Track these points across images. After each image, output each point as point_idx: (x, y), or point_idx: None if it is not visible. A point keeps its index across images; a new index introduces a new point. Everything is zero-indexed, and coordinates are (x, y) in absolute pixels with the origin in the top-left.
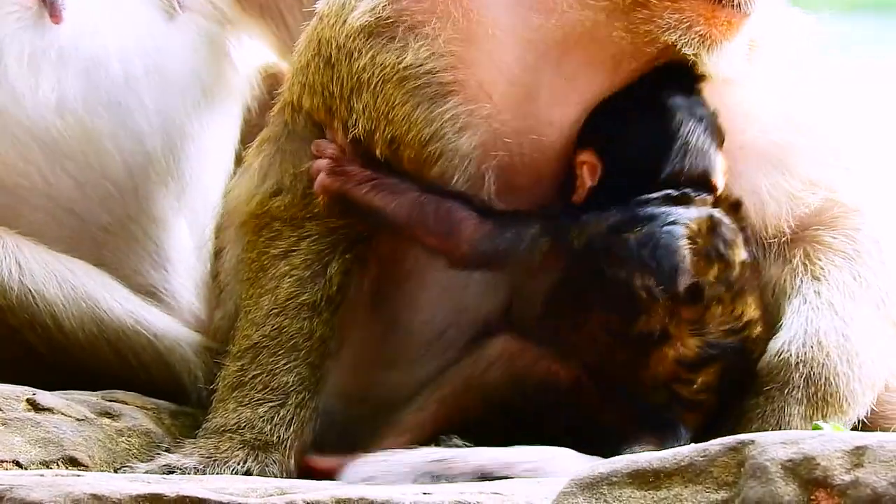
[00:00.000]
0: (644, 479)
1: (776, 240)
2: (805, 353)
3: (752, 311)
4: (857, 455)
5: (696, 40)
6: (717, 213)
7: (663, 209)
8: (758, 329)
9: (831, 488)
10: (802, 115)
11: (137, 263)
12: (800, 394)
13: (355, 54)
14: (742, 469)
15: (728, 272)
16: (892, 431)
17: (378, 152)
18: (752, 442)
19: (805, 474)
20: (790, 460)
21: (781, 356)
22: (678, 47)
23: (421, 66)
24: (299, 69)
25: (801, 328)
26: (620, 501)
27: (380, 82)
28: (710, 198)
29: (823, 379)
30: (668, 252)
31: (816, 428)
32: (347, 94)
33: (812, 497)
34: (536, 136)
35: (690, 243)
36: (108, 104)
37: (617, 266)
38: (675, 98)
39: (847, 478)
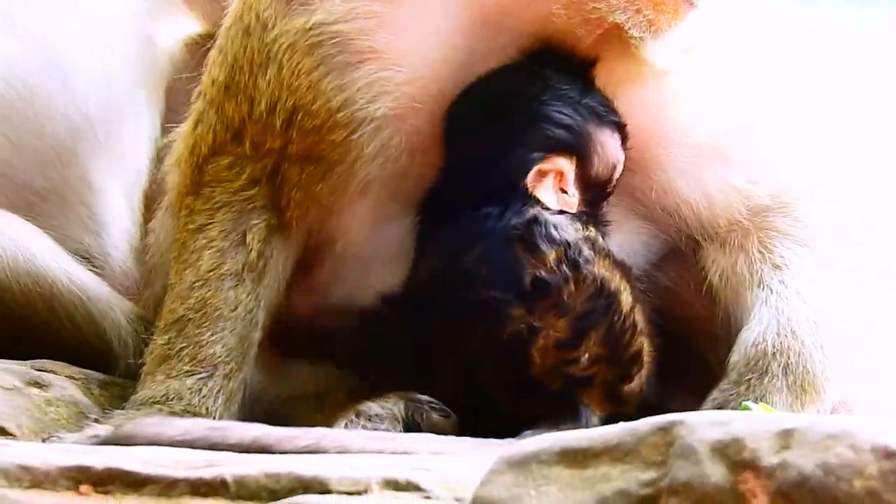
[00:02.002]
0: (573, 457)
1: (724, 229)
2: (781, 343)
3: (605, 269)
4: (786, 437)
5: (643, 23)
6: (538, 210)
7: (490, 223)
8: (618, 281)
9: (759, 470)
10: (749, 108)
11: (71, 229)
12: (780, 382)
13: (269, 24)
14: (671, 449)
15: (567, 253)
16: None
17: (277, 125)
18: (682, 422)
19: (733, 455)
20: (719, 441)
21: (758, 347)
22: (625, 29)
23: (332, 25)
24: (224, 30)
25: (773, 318)
26: (549, 479)
27: (288, 49)
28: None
29: (801, 367)
30: (503, 263)
31: (745, 409)
32: (256, 69)
33: (740, 478)
34: None
35: (520, 245)
36: (52, 67)
37: (464, 291)
38: None
39: (775, 460)
